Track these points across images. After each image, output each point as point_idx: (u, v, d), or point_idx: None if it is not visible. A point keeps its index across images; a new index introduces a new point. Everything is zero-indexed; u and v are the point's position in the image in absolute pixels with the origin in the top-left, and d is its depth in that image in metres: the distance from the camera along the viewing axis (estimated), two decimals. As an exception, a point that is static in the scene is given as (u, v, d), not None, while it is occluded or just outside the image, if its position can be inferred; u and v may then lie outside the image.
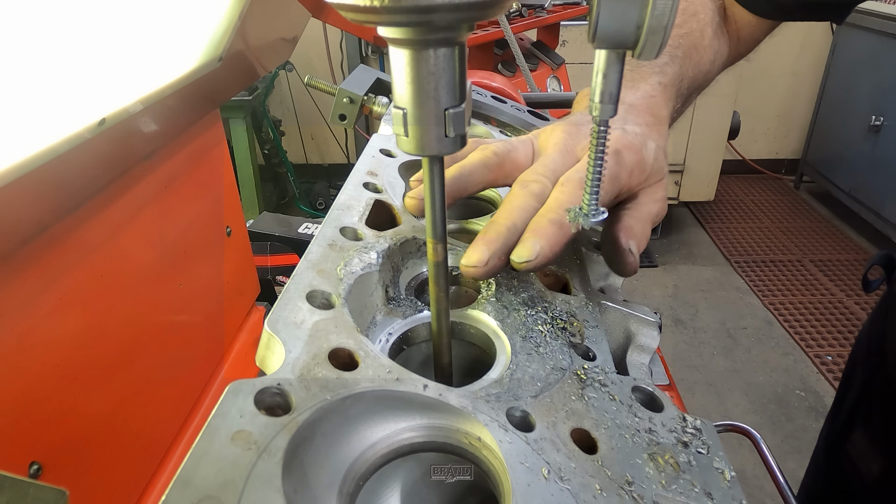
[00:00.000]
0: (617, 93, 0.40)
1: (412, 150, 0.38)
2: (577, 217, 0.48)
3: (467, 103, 0.37)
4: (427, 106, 0.36)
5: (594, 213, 0.48)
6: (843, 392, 1.06)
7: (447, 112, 0.36)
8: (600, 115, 0.41)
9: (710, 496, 0.38)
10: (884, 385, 0.94)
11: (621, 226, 0.57)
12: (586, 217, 0.48)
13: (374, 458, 0.39)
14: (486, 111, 1.00)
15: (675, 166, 4.08)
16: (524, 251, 0.50)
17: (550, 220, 0.51)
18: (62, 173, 0.55)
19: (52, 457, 0.59)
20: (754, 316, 3.50)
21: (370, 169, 0.69)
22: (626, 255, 0.56)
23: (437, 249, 0.43)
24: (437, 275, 0.44)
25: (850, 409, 1.00)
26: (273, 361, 0.41)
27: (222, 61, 0.82)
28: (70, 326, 0.62)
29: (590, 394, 0.44)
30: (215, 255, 0.96)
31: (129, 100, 0.62)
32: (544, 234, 0.50)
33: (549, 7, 2.12)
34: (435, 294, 0.45)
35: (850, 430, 0.99)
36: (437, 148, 0.37)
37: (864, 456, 0.95)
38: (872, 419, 0.96)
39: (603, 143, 0.44)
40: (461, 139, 0.38)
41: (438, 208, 0.41)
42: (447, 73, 0.35)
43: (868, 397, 0.97)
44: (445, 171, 0.56)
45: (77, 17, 0.53)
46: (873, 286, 1.02)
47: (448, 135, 0.37)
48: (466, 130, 0.38)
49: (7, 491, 0.33)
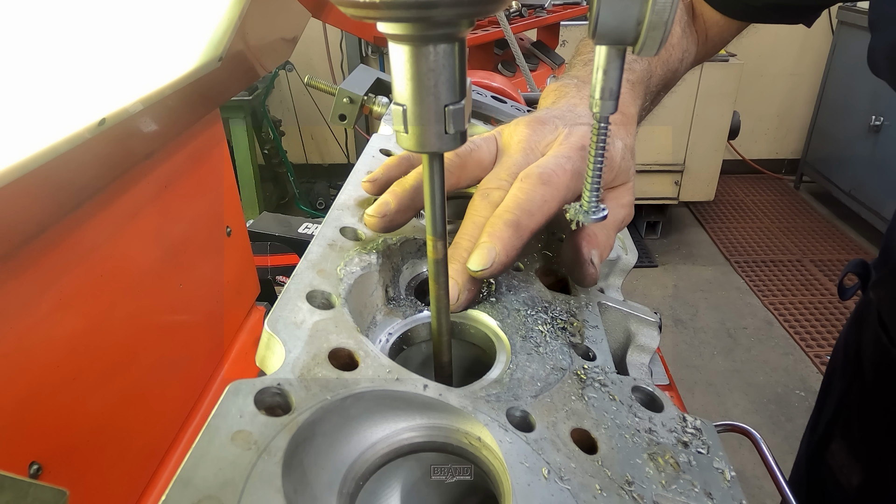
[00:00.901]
0: (617, 89, 0.40)
1: (412, 146, 0.37)
2: (578, 214, 0.48)
3: (467, 100, 0.37)
4: (427, 102, 0.36)
5: (594, 211, 0.47)
6: (822, 401, 1.05)
7: (447, 109, 0.36)
8: (601, 111, 0.41)
9: (710, 496, 0.38)
10: (860, 394, 0.93)
11: (584, 234, 0.54)
12: (587, 214, 0.47)
13: (374, 458, 0.39)
14: (486, 111, 1.00)
15: (675, 166, 4.08)
16: (479, 259, 0.47)
17: (506, 222, 0.49)
18: (62, 173, 0.55)
19: (52, 457, 0.59)
20: (754, 316, 3.50)
21: (370, 169, 0.69)
22: (587, 267, 0.53)
23: (437, 247, 0.42)
24: (437, 272, 0.44)
25: (829, 419, 0.99)
26: (273, 361, 0.41)
27: (222, 61, 0.82)
28: (70, 326, 0.62)
29: (590, 394, 0.44)
30: (215, 255, 0.96)
31: (129, 100, 0.62)
32: (500, 238, 0.48)
33: (549, 7, 2.12)
34: (435, 292, 0.44)
35: (829, 440, 0.98)
36: (436, 145, 0.37)
37: (844, 467, 0.94)
38: (851, 429, 0.95)
39: (604, 139, 0.44)
40: (461, 136, 0.38)
41: (438, 205, 0.41)
42: (447, 69, 0.35)
43: (846, 407, 0.96)
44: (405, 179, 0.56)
45: (77, 17, 0.53)
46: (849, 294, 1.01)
47: (448, 131, 0.36)
48: (466, 127, 0.38)
49: (7, 491, 0.33)
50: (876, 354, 0.90)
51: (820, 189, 4.81)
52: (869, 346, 0.92)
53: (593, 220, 0.47)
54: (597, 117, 0.42)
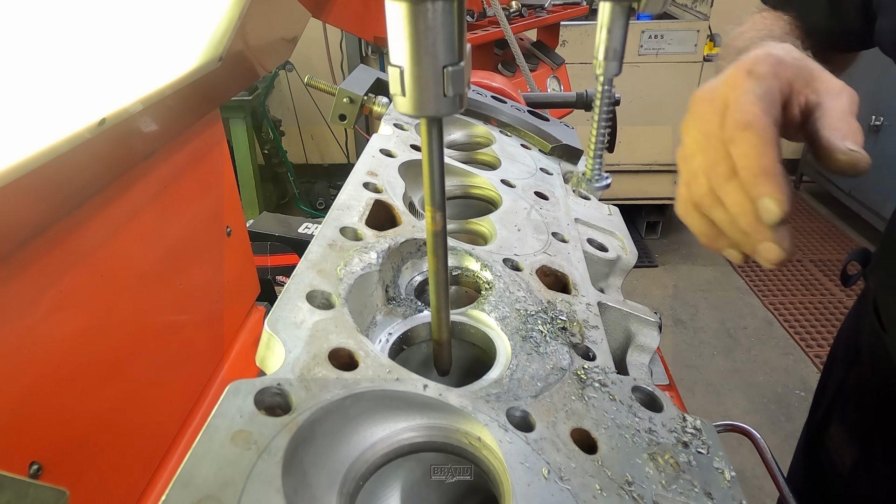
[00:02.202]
0: (622, 50, 0.39)
1: (409, 110, 0.36)
2: (581, 182, 0.46)
3: (467, 62, 0.35)
4: (425, 63, 0.34)
5: (598, 178, 0.46)
6: (822, 386, 1.08)
7: (446, 70, 0.34)
8: (605, 73, 0.40)
9: (710, 496, 0.38)
10: (857, 379, 0.96)
11: (826, 133, 0.50)
12: (590, 182, 0.46)
13: (374, 458, 0.39)
14: (486, 111, 1.00)
15: (675, 166, 4.08)
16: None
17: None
18: (62, 173, 0.55)
19: (52, 457, 0.59)
20: (754, 316, 3.50)
21: (370, 169, 0.69)
22: (852, 156, 0.49)
23: (435, 218, 0.41)
24: (435, 245, 0.42)
25: (829, 403, 1.03)
26: (273, 361, 0.41)
27: (222, 61, 0.82)
28: (70, 326, 0.62)
29: (590, 394, 0.44)
30: (215, 255, 0.96)
31: (129, 100, 0.62)
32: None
33: (549, 7, 2.12)
34: (434, 266, 0.42)
35: (827, 424, 1.02)
36: (434, 108, 0.36)
37: (840, 448, 0.97)
38: (847, 412, 0.98)
39: (608, 101, 0.42)
40: (460, 100, 0.36)
41: (437, 174, 0.39)
42: (445, 27, 0.33)
43: (844, 392, 1.00)
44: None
45: (77, 18, 0.52)
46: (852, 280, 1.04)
47: (447, 94, 0.35)
48: (466, 91, 0.36)
49: (7, 491, 0.33)
50: (870, 339, 0.93)
51: (820, 189, 4.80)
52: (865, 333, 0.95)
53: (597, 189, 0.46)
54: (600, 80, 0.41)
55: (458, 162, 0.81)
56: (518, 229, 0.66)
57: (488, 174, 0.78)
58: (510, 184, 0.77)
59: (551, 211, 0.73)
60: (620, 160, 3.86)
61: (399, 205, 0.63)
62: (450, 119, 0.94)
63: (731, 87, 0.48)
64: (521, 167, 0.84)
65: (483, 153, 0.89)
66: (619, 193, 3.99)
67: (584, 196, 0.81)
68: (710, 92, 0.52)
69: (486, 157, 0.89)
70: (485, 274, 0.58)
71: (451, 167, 0.78)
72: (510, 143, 0.92)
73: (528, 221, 0.69)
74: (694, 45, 3.50)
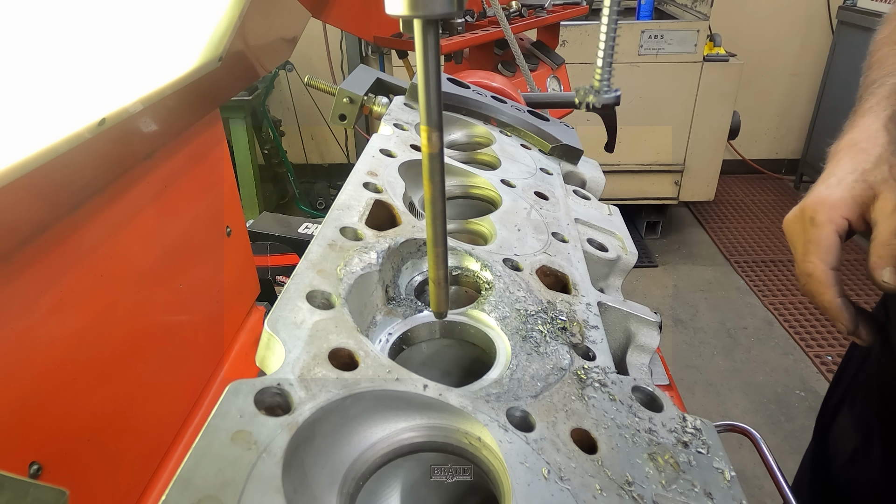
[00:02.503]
0: None
1: (403, 9, 0.32)
2: (588, 95, 0.45)
3: None
4: None
5: (606, 90, 0.44)
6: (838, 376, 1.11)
7: None
8: None
9: (710, 496, 0.38)
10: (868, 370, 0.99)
11: (871, 260, 0.61)
12: (598, 94, 0.44)
13: (374, 458, 0.39)
14: (486, 111, 1.00)
15: (675, 166, 4.08)
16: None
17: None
18: (62, 173, 0.55)
19: (52, 457, 0.59)
20: (754, 316, 3.50)
21: (370, 169, 0.69)
22: (886, 287, 0.59)
23: (431, 139, 0.37)
24: (432, 169, 0.38)
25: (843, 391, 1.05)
26: (273, 361, 0.41)
27: (222, 61, 0.82)
28: (70, 326, 0.62)
29: (590, 394, 0.44)
30: (215, 255, 0.96)
31: (129, 100, 0.62)
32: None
33: (549, 7, 2.12)
34: (430, 193, 0.39)
35: (839, 410, 1.04)
36: (430, 6, 0.31)
37: (845, 434, 1.00)
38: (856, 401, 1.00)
39: (616, 9, 0.41)
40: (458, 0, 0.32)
41: (433, 88, 0.35)
42: None
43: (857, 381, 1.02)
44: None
45: (77, 18, 0.52)
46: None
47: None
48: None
49: (7, 491, 0.33)
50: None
51: (820, 189, 4.80)
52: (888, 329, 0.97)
53: (605, 101, 0.44)
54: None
55: (458, 162, 0.81)
56: (518, 229, 0.66)
57: (488, 174, 0.78)
58: (510, 184, 0.77)
59: (551, 211, 0.73)
60: (620, 160, 3.86)
61: (399, 205, 0.63)
62: (450, 119, 0.94)
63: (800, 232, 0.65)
64: (521, 167, 0.84)
65: (483, 153, 0.89)
66: (619, 193, 3.99)
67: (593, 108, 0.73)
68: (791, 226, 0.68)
69: (486, 157, 0.89)
70: (485, 274, 0.58)
71: (451, 167, 0.78)
72: (510, 143, 0.92)
73: (528, 221, 0.69)
74: (694, 45, 3.50)
